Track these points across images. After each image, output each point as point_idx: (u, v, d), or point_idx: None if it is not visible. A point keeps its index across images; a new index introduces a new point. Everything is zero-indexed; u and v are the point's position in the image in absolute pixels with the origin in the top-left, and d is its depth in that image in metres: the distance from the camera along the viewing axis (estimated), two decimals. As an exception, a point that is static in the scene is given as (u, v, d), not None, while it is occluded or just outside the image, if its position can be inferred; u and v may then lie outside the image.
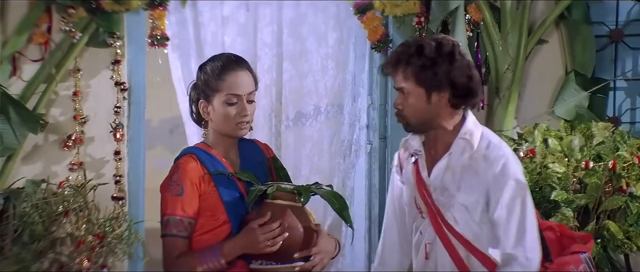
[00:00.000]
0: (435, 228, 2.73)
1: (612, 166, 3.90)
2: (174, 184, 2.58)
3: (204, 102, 2.66)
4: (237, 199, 2.62)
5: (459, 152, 2.70)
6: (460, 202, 2.68)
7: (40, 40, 4.43)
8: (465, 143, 2.70)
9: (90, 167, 4.50)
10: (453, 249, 2.70)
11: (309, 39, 5.00)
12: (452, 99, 2.67)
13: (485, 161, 2.66)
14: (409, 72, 2.66)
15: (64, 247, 4.26)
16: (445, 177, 2.71)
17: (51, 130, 4.50)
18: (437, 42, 2.67)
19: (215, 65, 2.66)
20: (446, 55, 2.65)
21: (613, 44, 4.72)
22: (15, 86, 4.42)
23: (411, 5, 4.54)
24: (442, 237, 2.72)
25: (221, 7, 4.92)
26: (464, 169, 2.68)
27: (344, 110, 5.05)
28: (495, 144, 2.71)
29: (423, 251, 2.79)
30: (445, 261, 2.72)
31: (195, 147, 2.71)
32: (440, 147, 2.75)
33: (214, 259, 2.54)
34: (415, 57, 2.65)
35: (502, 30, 4.55)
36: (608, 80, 4.66)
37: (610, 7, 4.72)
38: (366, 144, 5.00)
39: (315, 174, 4.98)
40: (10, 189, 4.24)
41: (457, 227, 2.69)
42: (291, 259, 2.58)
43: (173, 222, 2.57)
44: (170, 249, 2.58)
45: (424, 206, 2.77)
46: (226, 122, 2.64)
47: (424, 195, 2.76)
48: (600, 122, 4.25)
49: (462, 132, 2.71)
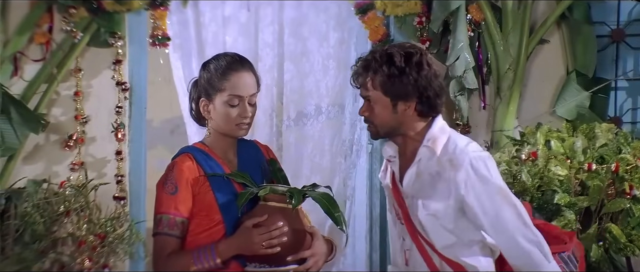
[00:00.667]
0: (411, 235, 2.72)
1: (615, 168, 3.88)
2: (169, 183, 2.57)
3: (205, 100, 2.65)
4: (232, 200, 2.60)
5: (425, 160, 2.68)
6: (429, 211, 2.65)
7: (41, 40, 4.43)
8: (428, 150, 2.67)
9: (92, 167, 4.51)
10: (427, 255, 2.69)
11: (310, 39, 5.00)
12: (419, 108, 2.65)
13: (451, 165, 2.62)
14: (376, 81, 2.65)
15: (65, 247, 4.26)
16: (415, 185, 2.69)
17: (52, 130, 4.50)
18: (405, 51, 2.64)
19: (219, 64, 2.64)
20: (414, 65, 2.62)
21: (614, 44, 4.71)
22: (17, 86, 4.42)
23: (412, 5, 4.54)
24: (417, 243, 2.70)
25: (222, 7, 4.92)
26: (432, 176, 2.65)
27: (345, 110, 5.05)
28: (461, 147, 2.65)
29: (403, 257, 2.78)
30: (422, 268, 2.71)
31: (192, 146, 2.71)
32: (409, 153, 2.73)
33: (209, 259, 2.53)
34: (383, 66, 2.63)
35: (503, 30, 4.55)
36: (609, 80, 4.66)
37: (611, 7, 4.72)
38: (367, 144, 5.00)
39: (316, 173, 4.98)
40: (11, 189, 4.24)
41: (427, 235, 2.67)
42: (285, 262, 2.57)
43: (166, 221, 2.56)
44: (162, 248, 2.56)
45: (401, 212, 2.76)
46: (226, 122, 2.63)
47: (400, 201, 2.75)
48: (604, 124, 4.23)
49: (426, 139, 2.68)
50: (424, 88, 2.63)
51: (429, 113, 2.69)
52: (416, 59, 2.63)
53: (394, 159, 2.79)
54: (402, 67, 2.61)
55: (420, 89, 2.63)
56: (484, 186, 2.60)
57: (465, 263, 2.66)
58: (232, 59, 2.67)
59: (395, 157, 2.79)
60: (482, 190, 2.59)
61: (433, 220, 2.65)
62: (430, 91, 2.64)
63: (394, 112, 2.66)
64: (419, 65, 2.62)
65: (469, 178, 2.59)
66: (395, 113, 2.66)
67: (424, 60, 2.64)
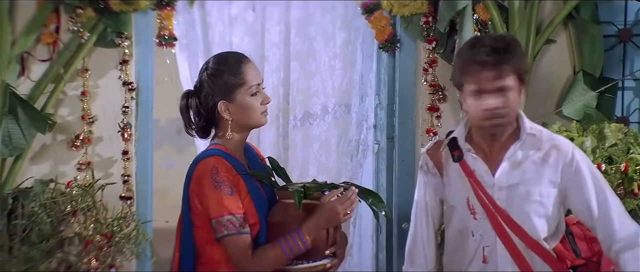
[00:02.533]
0: (497, 230, 2.69)
1: (624, 168, 3.87)
2: (222, 184, 2.58)
3: (225, 102, 2.67)
4: (262, 198, 2.66)
5: (526, 147, 2.69)
6: (534, 197, 2.66)
7: (48, 40, 4.44)
8: (534, 138, 2.69)
9: (98, 167, 4.51)
10: (516, 250, 2.66)
11: (317, 39, 5.00)
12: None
13: (557, 151, 2.66)
14: (509, 68, 2.62)
15: (72, 247, 4.27)
16: (515, 174, 2.68)
17: (59, 130, 4.51)
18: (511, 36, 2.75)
19: (229, 64, 2.69)
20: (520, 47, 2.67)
21: (621, 43, 4.69)
22: (24, 86, 4.43)
23: (419, 5, 4.53)
24: (505, 239, 2.67)
25: (229, 7, 4.93)
26: (536, 163, 2.67)
27: (351, 110, 5.05)
28: (558, 136, 2.74)
29: (481, 255, 2.74)
30: (507, 263, 2.69)
31: (216, 149, 2.71)
32: (496, 144, 2.72)
33: (299, 242, 2.56)
34: (518, 52, 2.65)
35: (510, 30, 4.54)
36: (616, 80, 4.64)
37: (619, 7, 4.70)
38: (374, 144, 5.00)
39: (323, 173, 4.99)
40: (18, 189, 4.25)
41: (529, 224, 2.66)
42: (321, 256, 2.62)
43: (237, 221, 2.57)
44: (243, 247, 2.57)
45: (480, 208, 2.73)
46: (252, 113, 2.68)
47: (482, 197, 2.71)
48: (613, 124, 4.22)
49: (528, 127, 2.71)
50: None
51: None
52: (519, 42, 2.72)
53: (472, 150, 2.77)
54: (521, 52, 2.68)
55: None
56: (590, 170, 2.66)
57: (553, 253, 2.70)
58: (235, 55, 2.75)
59: (471, 149, 2.78)
60: (589, 173, 2.65)
61: (537, 207, 2.66)
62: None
63: (519, 98, 2.70)
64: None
65: (578, 163, 2.64)
66: (519, 99, 2.70)
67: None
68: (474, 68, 2.60)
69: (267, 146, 4.97)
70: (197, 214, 2.64)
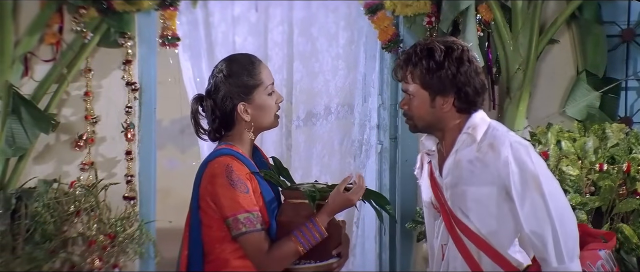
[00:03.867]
0: (448, 228, 2.71)
1: (627, 168, 3.87)
2: (238, 182, 2.60)
3: (244, 103, 2.69)
4: (273, 198, 2.69)
5: (464, 147, 2.67)
6: (472, 197, 2.64)
7: (51, 40, 4.44)
8: (468, 137, 2.66)
9: (102, 167, 4.52)
10: (464, 248, 2.67)
11: (320, 39, 5.01)
12: (457, 104, 2.65)
13: (491, 150, 2.61)
14: (415, 74, 2.65)
15: (75, 247, 4.28)
16: (454, 173, 2.68)
17: (63, 130, 4.51)
18: (446, 45, 2.64)
19: (243, 65, 2.72)
20: (454, 60, 2.62)
21: (625, 43, 4.69)
22: (27, 86, 4.43)
23: (422, 5, 4.53)
24: (454, 236, 2.69)
25: (232, 7, 4.93)
26: (472, 162, 2.64)
27: (354, 110, 5.05)
28: (502, 132, 2.67)
29: (441, 253, 2.77)
30: (457, 263, 2.70)
31: (228, 148, 2.72)
32: (448, 145, 2.73)
33: (315, 233, 2.60)
34: (423, 60, 2.63)
35: (513, 30, 4.54)
36: (619, 80, 4.64)
37: (622, 7, 4.70)
38: (377, 144, 5.00)
39: (326, 173, 4.99)
40: (22, 189, 4.26)
41: (470, 224, 2.64)
42: (328, 256, 2.66)
43: (254, 218, 2.59)
44: (259, 244, 2.59)
45: (439, 206, 2.76)
46: (269, 113, 2.73)
47: (438, 195, 2.74)
48: (615, 124, 4.22)
49: (466, 127, 2.68)
50: (463, 84, 2.62)
51: (468, 109, 2.68)
52: (457, 54, 2.63)
53: (433, 152, 2.79)
54: (440, 62, 2.61)
55: (459, 85, 2.62)
56: (521, 171, 2.58)
57: (508, 256, 2.64)
58: (247, 56, 2.79)
59: (434, 150, 2.78)
60: (518, 174, 2.58)
61: (477, 206, 2.64)
62: (470, 88, 2.63)
63: (431, 107, 2.66)
64: (459, 61, 2.62)
65: (509, 162, 2.58)
66: (433, 108, 2.66)
67: (464, 56, 2.64)
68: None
69: (270, 146, 4.97)
70: (206, 213, 2.65)
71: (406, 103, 2.72)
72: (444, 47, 2.63)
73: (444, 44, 2.65)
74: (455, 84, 2.62)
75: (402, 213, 4.63)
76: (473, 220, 2.65)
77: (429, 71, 2.62)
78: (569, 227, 2.59)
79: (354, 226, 5.06)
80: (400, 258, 4.75)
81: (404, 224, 4.54)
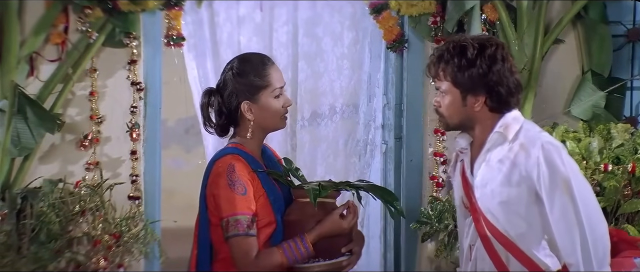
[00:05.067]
0: (477, 228, 2.67)
1: (632, 169, 3.86)
2: (237, 183, 2.60)
3: (248, 103, 2.70)
4: (279, 197, 2.69)
5: (494, 146, 2.63)
6: (501, 198, 2.60)
7: (57, 40, 4.45)
8: (499, 136, 2.62)
9: (107, 167, 4.52)
10: (492, 250, 2.63)
11: (325, 39, 5.00)
12: (489, 103, 2.61)
13: (522, 150, 2.57)
14: (447, 72, 2.61)
15: (80, 247, 4.28)
16: (485, 173, 2.64)
17: (68, 130, 4.52)
18: (480, 43, 2.60)
19: (253, 65, 2.74)
20: (487, 58, 2.57)
21: (630, 43, 4.69)
22: (33, 86, 4.44)
23: (427, 4, 4.53)
24: (483, 237, 2.65)
25: (237, 7, 4.93)
26: (502, 161, 2.60)
27: (359, 110, 5.05)
28: (534, 133, 2.63)
29: (468, 252, 2.74)
30: (485, 263, 2.66)
31: (234, 148, 2.73)
32: (479, 144, 2.69)
33: (302, 249, 2.60)
34: (455, 58, 2.59)
35: (518, 30, 4.53)
36: (625, 80, 4.63)
37: (627, 7, 4.69)
38: (381, 144, 4.99)
39: (331, 173, 4.98)
40: (27, 189, 4.26)
41: (498, 224, 2.60)
42: (337, 254, 2.67)
43: (245, 221, 2.59)
44: (248, 249, 2.59)
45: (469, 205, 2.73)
46: (274, 115, 2.73)
47: (469, 194, 2.71)
48: (620, 124, 4.21)
49: (498, 125, 2.63)
50: (495, 83, 2.58)
51: (501, 109, 2.63)
52: (490, 52, 2.58)
53: (466, 150, 2.75)
54: (472, 60, 2.57)
55: (491, 84, 2.58)
56: (551, 172, 2.53)
57: (537, 258, 2.60)
58: (260, 56, 2.81)
59: (467, 149, 2.74)
60: (548, 176, 2.53)
61: (505, 207, 2.59)
62: (502, 87, 2.59)
63: (463, 105, 2.63)
64: (491, 59, 2.57)
65: (539, 163, 2.53)
66: (465, 106, 2.63)
67: (498, 54, 2.59)
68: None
69: (275, 146, 4.92)
70: (213, 212, 2.66)
71: (439, 101, 2.68)
72: (477, 44, 2.60)
73: (478, 42, 2.61)
74: (486, 83, 2.58)
75: (407, 213, 4.62)
76: (501, 221, 2.61)
77: (461, 69, 2.58)
78: (599, 233, 2.53)
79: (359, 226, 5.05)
80: (404, 258, 4.74)
81: (409, 224, 4.54)
